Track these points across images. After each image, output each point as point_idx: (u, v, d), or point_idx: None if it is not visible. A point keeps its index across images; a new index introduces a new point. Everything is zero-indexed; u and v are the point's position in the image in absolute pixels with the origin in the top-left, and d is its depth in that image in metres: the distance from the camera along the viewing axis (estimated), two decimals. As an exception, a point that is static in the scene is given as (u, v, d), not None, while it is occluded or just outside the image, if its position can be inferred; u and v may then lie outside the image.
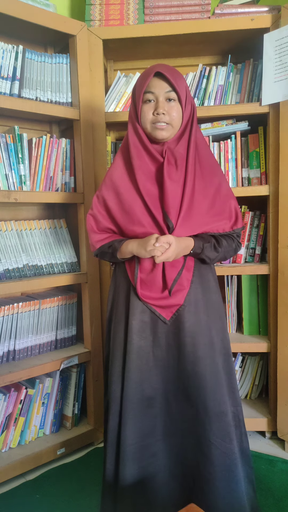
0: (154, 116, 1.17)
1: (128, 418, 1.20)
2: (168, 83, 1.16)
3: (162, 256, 1.11)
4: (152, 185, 1.19)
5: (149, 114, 1.18)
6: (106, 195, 1.25)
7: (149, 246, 1.11)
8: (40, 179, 1.67)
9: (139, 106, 1.19)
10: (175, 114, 1.17)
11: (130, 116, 1.24)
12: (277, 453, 1.76)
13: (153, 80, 1.17)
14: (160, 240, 1.10)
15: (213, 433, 1.19)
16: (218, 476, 1.19)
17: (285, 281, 1.70)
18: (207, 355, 1.21)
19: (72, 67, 1.70)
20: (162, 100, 1.17)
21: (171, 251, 1.11)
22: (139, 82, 1.21)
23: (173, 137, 1.20)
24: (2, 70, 1.54)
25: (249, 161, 1.78)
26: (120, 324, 1.26)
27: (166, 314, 1.21)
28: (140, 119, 1.19)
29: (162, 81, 1.16)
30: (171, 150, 1.19)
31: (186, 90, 1.20)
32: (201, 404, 1.20)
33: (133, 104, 1.22)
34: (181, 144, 1.20)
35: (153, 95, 1.17)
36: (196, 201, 1.19)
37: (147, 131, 1.19)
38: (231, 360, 1.29)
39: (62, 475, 1.64)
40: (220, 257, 1.25)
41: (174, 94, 1.17)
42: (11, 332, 1.65)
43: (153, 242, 1.11)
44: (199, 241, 1.19)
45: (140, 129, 1.20)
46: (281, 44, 1.60)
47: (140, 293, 1.20)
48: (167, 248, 1.11)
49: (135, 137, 1.21)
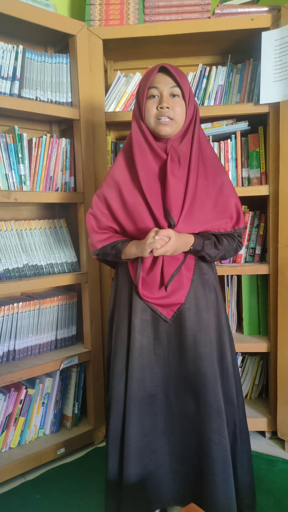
0: (158, 111, 1.17)
1: (132, 417, 1.21)
2: (172, 78, 1.17)
3: (161, 249, 1.11)
4: (154, 182, 1.19)
5: (152, 109, 1.18)
6: (108, 193, 1.25)
7: (148, 239, 1.11)
8: (40, 179, 1.67)
9: (143, 102, 1.19)
10: (178, 109, 1.18)
11: (134, 114, 1.25)
12: (277, 453, 1.76)
13: (158, 76, 1.18)
14: (160, 233, 1.10)
15: (212, 429, 1.20)
16: (218, 472, 1.20)
17: (285, 281, 1.70)
18: (208, 353, 1.21)
19: (72, 67, 1.70)
20: (166, 95, 1.17)
21: (170, 244, 1.11)
22: (143, 79, 1.22)
23: (177, 134, 1.21)
24: (2, 70, 1.54)
25: (249, 161, 1.78)
26: (122, 323, 1.26)
27: (167, 313, 1.21)
28: (144, 116, 1.20)
29: (166, 76, 1.17)
30: (174, 148, 1.20)
31: (189, 89, 1.21)
32: (201, 401, 1.21)
33: (137, 101, 1.23)
34: (184, 142, 1.20)
35: (158, 90, 1.18)
36: (198, 199, 1.19)
37: (151, 127, 1.20)
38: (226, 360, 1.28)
39: (62, 475, 1.64)
40: (221, 255, 1.25)
41: (178, 89, 1.18)
42: (11, 332, 1.65)
43: (152, 235, 1.11)
44: (199, 238, 1.20)
45: (144, 126, 1.20)
46: (281, 44, 1.60)
47: (141, 292, 1.20)
48: (166, 242, 1.11)
49: (139, 134, 1.21)
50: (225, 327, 1.29)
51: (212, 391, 1.20)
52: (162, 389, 1.24)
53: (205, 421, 1.21)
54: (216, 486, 1.19)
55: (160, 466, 1.26)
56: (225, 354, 1.27)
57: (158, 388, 1.24)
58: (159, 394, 1.24)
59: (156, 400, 1.24)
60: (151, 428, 1.24)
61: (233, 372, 1.30)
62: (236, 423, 1.29)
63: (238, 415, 1.30)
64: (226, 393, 1.27)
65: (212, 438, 1.20)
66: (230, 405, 1.28)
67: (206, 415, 1.21)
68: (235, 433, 1.29)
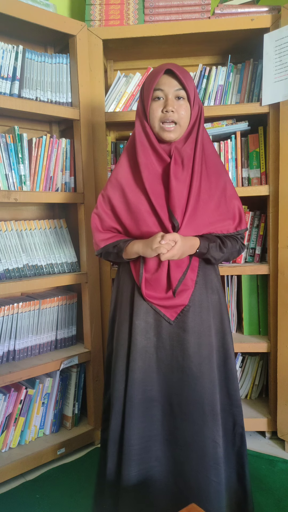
0: (163, 114, 1.17)
1: (131, 418, 1.20)
2: (178, 81, 1.16)
3: (167, 253, 1.10)
4: (158, 184, 1.19)
5: (157, 112, 1.17)
6: (112, 194, 1.25)
7: (154, 244, 1.10)
8: (40, 179, 1.67)
9: (147, 104, 1.18)
10: (183, 112, 1.17)
11: (138, 114, 1.23)
12: (277, 453, 1.76)
13: (163, 78, 1.17)
14: (166, 237, 1.09)
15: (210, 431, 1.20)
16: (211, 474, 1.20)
17: (285, 281, 1.70)
18: (210, 355, 1.21)
19: (72, 67, 1.70)
20: (172, 98, 1.16)
21: (176, 248, 1.10)
22: (148, 79, 1.20)
23: (181, 137, 1.20)
24: (2, 70, 1.54)
25: (249, 161, 1.78)
26: (124, 324, 1.25)
27: (170, 315, 1.20)
28: (148, 117, 1.19)
29: (172, 78, 1.16)
30: (178, 149, 1.19)
31: (194, 90, 1.20)
32: (206, 406, 1.20)
33: (142, 102, 1.22)
34: (188, 143, 1.20)
35: (163, 92, 1.17)
36: (201, 201, 1.19)
37: (155, 131, 1.19)
38: (231, 361, 1.28)
39: (62, 475, 1.64)
40: (225, 257, 1.25)
41: (184, 92, 1.17)
42: (11, 332, 1.65)
43: (158, 239, 1.10)
44: (204, 241, 1.19)
45: (148, 127, 1.20)
46: (281, 44, 1.60)
47: (145, 293, 1.20)
48: (172, 246, 1.11)
49: (143, 135, 1.21)
50: (228, 329, 1.29)
51: (210, 393, 1.20)
52: (164, 394, 1.22)
53: (205, 425, 1.20)
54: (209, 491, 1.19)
55: (161, 474, 1.23)
56: (229, 356, 1.27)
57: (159, 393, 1.22)
58: (160, 399, 1.22)
59: (157, 404, 1.22)
60: (151, 434, 1.22)
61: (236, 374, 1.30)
62: (242, 425, 1.29)
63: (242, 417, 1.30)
64: (231, 395, 1.27)
65: (210, 438, 1.20)
66: (236, 407, 1.28)
67: (208, 419, 1.20)
68: (242, 436, 1.29)
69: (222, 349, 1.27)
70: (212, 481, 1.20)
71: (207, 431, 1.20)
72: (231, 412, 1.28)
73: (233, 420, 1.28)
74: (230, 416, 1.28)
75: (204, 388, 1.20)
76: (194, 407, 1.21)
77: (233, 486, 1.30)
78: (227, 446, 1.27)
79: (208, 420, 1.20)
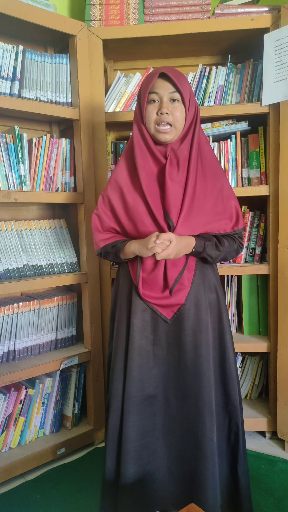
0: (157, 116, 1.18)
1: (129, 416, 1.21)
2: (172, 84, 1.18)
3: (163, 252, 1.12)
4: (154, 185, 1.21)
5: (153, 114, 1.19)
6: (111, 195, 1.27)
7: (150, 244, 1.12)
8: (40, 179, 1.67)
9: (144, 107, 1.20)
10: (178, 114, 1.19)
11: (135, 117, 1.26)
12: (277, 453, 1.76)
13: (158, 81, 1.19)
14: (161, 237, 1.11)
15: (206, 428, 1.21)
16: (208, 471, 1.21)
17: (285, 281, 1.70)
18: (207, 354, 1.22)
19: (72, 67, 1.70)
20: (166, 100, 1.18)
21: (171, 247, 1.12)
22: (144, 83, 1.23)
23: (177, 138, 1.21)
24: (2, 70, 1.54)
25: (249, 161, 1.78)
26: (122, 323, 1.27)
27: (167, 313, 1.22)
28: (145, 120, 1.21)
29: (166, 82, 1.18)
30: (174, 150, 1.21)
31: (190, 92, 1.21)
32: (200, 402, 1.21)
33: (139, 105, 1.24)
34: (184, 145, 1.21)
35: (158, 95, 1.19)
36: (197, 201, 1.20)
37: (151, 132, 1.21)
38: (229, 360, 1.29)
39: (62, 475, 1.64)
40: (222, 256, 1.26)
41: (178, 95, 1.18)
42: (11, 332, 1.65)
43: (154, 239, 1.12)
44: (200, 240, 1.20)
45: (144, 130, 1.22)
46: (281, 44, 1.60)
47: (142, 292, 1.21)
48: (167, 245, 1.12)
49: (140, 137, 1.23)
50: (227, 328, 1.29)
51: (207, 391, 1.21)
52: (161, 390, 1.24)
53: (201, 421, 1.22)
54: (206, 484, 1.20)
55: (158, 468, 1.26)
56: (227, 355, 1.28)
57: (157, 389, 1.24)
58: (158, 395, 1.24)
59: (155, 401, 1.24)
60: (150, 429, 1.24)
61: (235, 373, 1.30)
62: (238, 425, 1.29)
63: (240, 417, 1.30)
64: (228, 394, 1.28)
65: (207, 436, 1.21)
66: (232, 406, 1.28)
67: (204, 416, 1.21)
68: (237, 435, 1.30)
69: (219, 348, 1.28)
70: (207, 476, 1.21)
71: (202, 427, 1.21)
72: (227, 410, 1.29)
73: (229, 418, 1.29)
74: (226, 413, 1.29)
75: (200, 386, 1.21)
76: (190, 403, 1.23)
77: (226, 482, 1.31)
78: (221, 443, 1.29)
79: (203, 416, 1.21)
